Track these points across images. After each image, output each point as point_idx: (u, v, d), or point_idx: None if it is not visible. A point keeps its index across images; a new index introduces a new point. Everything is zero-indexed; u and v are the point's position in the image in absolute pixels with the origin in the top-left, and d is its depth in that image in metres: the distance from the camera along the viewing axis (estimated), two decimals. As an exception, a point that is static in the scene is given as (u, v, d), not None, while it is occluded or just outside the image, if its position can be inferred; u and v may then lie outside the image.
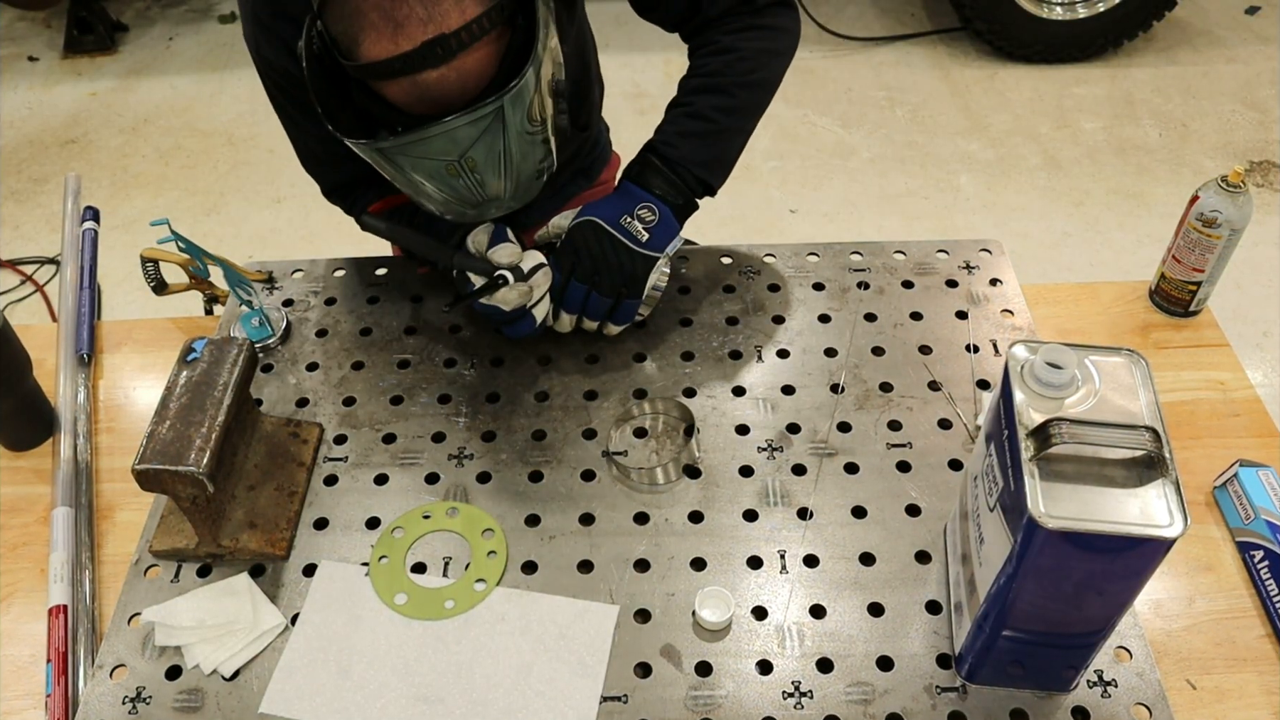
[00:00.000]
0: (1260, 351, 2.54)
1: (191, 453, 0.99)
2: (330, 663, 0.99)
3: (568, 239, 1.21)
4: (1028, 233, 2.92)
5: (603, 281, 1.20)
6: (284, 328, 1.33)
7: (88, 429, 1.26)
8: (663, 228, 1.21)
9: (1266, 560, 1.05)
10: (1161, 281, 1.36)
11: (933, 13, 3.87)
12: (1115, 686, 0.95)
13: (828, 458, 1.15)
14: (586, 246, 1.20)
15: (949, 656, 0.98)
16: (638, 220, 1.21)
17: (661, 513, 1.10)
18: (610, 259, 1.19)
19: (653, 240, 1.21)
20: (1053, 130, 3.30)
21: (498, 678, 0.97)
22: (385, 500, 1.13)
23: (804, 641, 0.99)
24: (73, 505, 1.16)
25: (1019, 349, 0.88)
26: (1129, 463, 0.79)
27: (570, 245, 1.21)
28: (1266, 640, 1.02)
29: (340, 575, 1.06)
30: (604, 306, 1.21)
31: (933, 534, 1.08)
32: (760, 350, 1.28)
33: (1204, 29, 3.71)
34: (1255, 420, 1.23)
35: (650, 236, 1.20)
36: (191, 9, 4.16)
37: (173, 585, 1.06)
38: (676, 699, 0.96)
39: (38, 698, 1.02)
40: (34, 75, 3.83)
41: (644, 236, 1.20)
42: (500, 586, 1.05)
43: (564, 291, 1.21)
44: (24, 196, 3.26)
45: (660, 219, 1.21)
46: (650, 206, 1.22)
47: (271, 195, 3.20)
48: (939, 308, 1.32)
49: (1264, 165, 3.12)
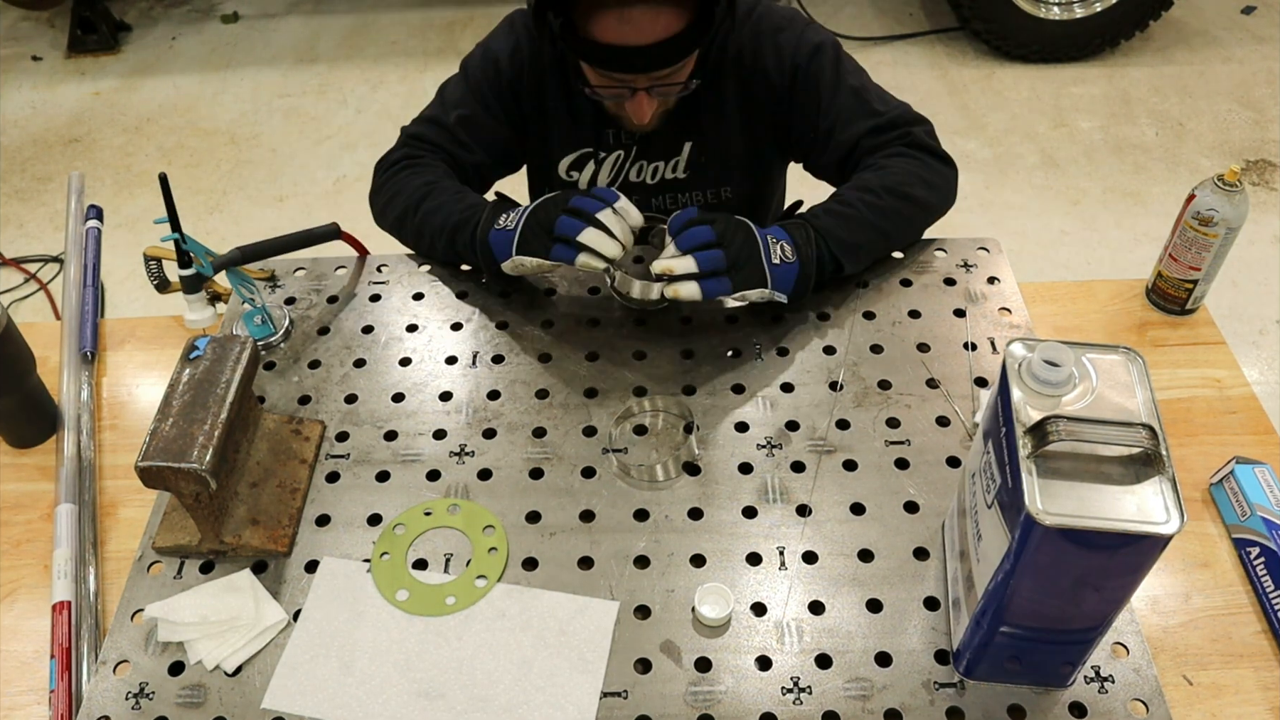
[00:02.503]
0: (1256, 349, 2.54)
1: (194, 450, 0.99)
2: (332, 659, 1.00)
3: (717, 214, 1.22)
4: (1025, 231, 2.93)
5: (734, 245, 1.19)
6: (286, 326, 1.33)
7: (91, 426, 1.27)
8: (789, 272, 1.22)
9: (1263, 557, 1.05)
10: (1158, 280, 1.37)
11: (930, 12, 3.88)
12: (1112, 682, 0.96)
13: (826, 455, 1.16)
14: (730, 222, 1.20)
15: (947, 652, 0.99)
16: (779, 248, 1.22)
17: (661, 509, 1.11)
18: (749, 242, 1.20)
19: (780, 269, 1.21)
20: (1050, 129, 3.31)
21: (498, 673, 0.98)
22: (387, 497, 1.14)
23: (803, 637, 1.00)
24: (76, 502, 1.16)
25: (1016, 347, 0.88)
26: (1126, 460, 0.80)
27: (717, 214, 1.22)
28: (1262, 636, 1.02)
29: (342, 571, 1.07)
30: (715, 263, 1.18)
31: (931, 531, 1.08)
32: (760, 348, 1.28)
33: (1200, 29, 3.72)
34: (1251, 418, 1.23)
35: (780, 265, 1.21)
36: (194, 9, 4.17)
37: (176, 581, 1.07)
38: (676, 694, 0.96)
39: (41, 693, 1.02)
40: (38, 75, 3.84)
41: (776, 260, 1.21)
42: (501, 583, 1.05)
43: (688, 226, 1.20)
44: (28, 195, 3.26)
45: (793, 265, 1.23)
46: (791, 250, 1.23)
47: (274, 194, 3.21)
48: (937, 306, 1.33)
49: (1260, 164, 3.13)
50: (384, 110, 3.55)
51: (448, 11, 4.07)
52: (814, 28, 1.44)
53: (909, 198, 1.32)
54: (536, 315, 1.34)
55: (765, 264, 1.20)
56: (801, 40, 1.40)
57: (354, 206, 3.12)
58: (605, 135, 1.48)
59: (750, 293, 1.20)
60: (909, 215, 1.34)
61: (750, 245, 1.20)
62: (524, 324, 1.33)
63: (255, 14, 4.13)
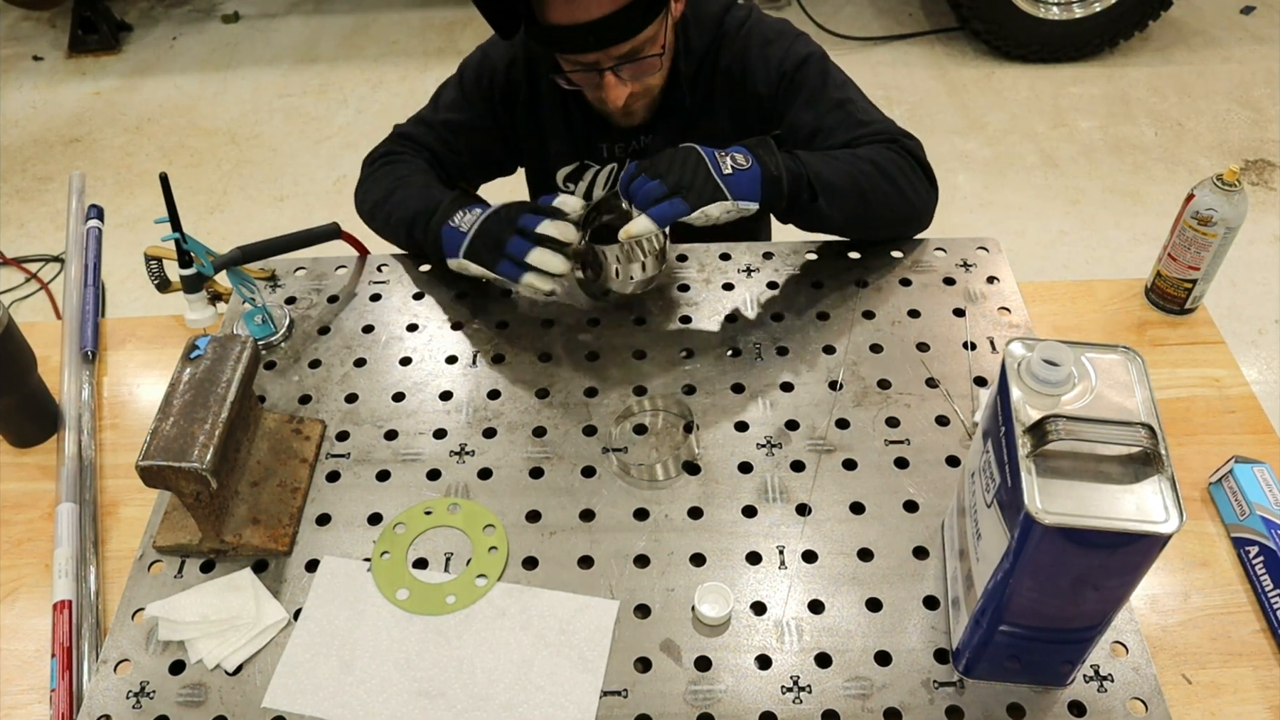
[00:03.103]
0: (1255, 349, 2.54)
1: (195, 449, 0.99)
2: (332, 658, 1.00)
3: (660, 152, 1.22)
4: (1024, 231, 2.93)
5: (670, 174, 1.18)
6: (287, 325, 1.33)
7: (92, 425, 1.27)
8: (748, 177, 1.20)
9: (1261, 556, 1.06)
10: (1157, 279, 1.37)
11: (930, 12, 3.88)
12: (1111, 681, 0.96)
13: (826, 454, 1.16)
14: (673, 153, 1.20)
15: (946, 651, 0.99)
16: (730, 159, 1.20)
17: (661, 509, 1.11)
18: (688, 165, 1.18)
19: (734, 178, 1.19)
20: (1049, 129, 3.31)
21: (498, 672, 0.98)
22: (387, 496, 1.14)
23: (802, 636, 1.00)
24: (77, 501, 1.17)
25: (1016, 346, 0.88)
26: (1125, 459, 0.80)
27: (659, 153, 1.21)
28: (1261, 635, 1.03)
29: (342, 571, 1.07)
30: (654, 194, 1.17)
31: (930, 530, 1.08)
32: (759, 347, 1.28)
33: (1199, 29, 3.72)
34: (1250, 417, 1.24)
35: (733, 174, 1.19)
36: (195, 9, 4.17)
37: (176, 581, 1.07)
38: (676, 693, 0.97)
39: (42, 692, 1.03)
40: (38, 74, 3.84)
41: (728, 170, 1.19)
42: (501, 582, 1.05)
43: (632, 180, 1.20)
44: (29, 195, 3.26)
45: (750, 170, 1.20)
46: (746, 156, 1.21)
47: (274, 194, 3.21)
48: (936, 305, 1.33)
49: (1259, 164, 3.13)
50: (384, 110, 3.55)
51: (448, 11, 4.07)
52: (803, 39, 1.44)
53: (890, 178, 1.31)
54: (536, 315, 1.34)
55: (716, 176, 1.18)
56: (789, 52, 1.41)
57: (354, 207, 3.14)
58: (599, 148, 1.51)
59: (711, 208, 1.18)
60: (886, 194, 1.31)
61: (695, 164, 1.19)
62: (524, 324, 1.33)
63: (256, 14, 4.14)
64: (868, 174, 1.30)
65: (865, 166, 1.30)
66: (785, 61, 1.40)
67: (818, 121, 1.39)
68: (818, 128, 1.39)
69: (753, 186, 1.20)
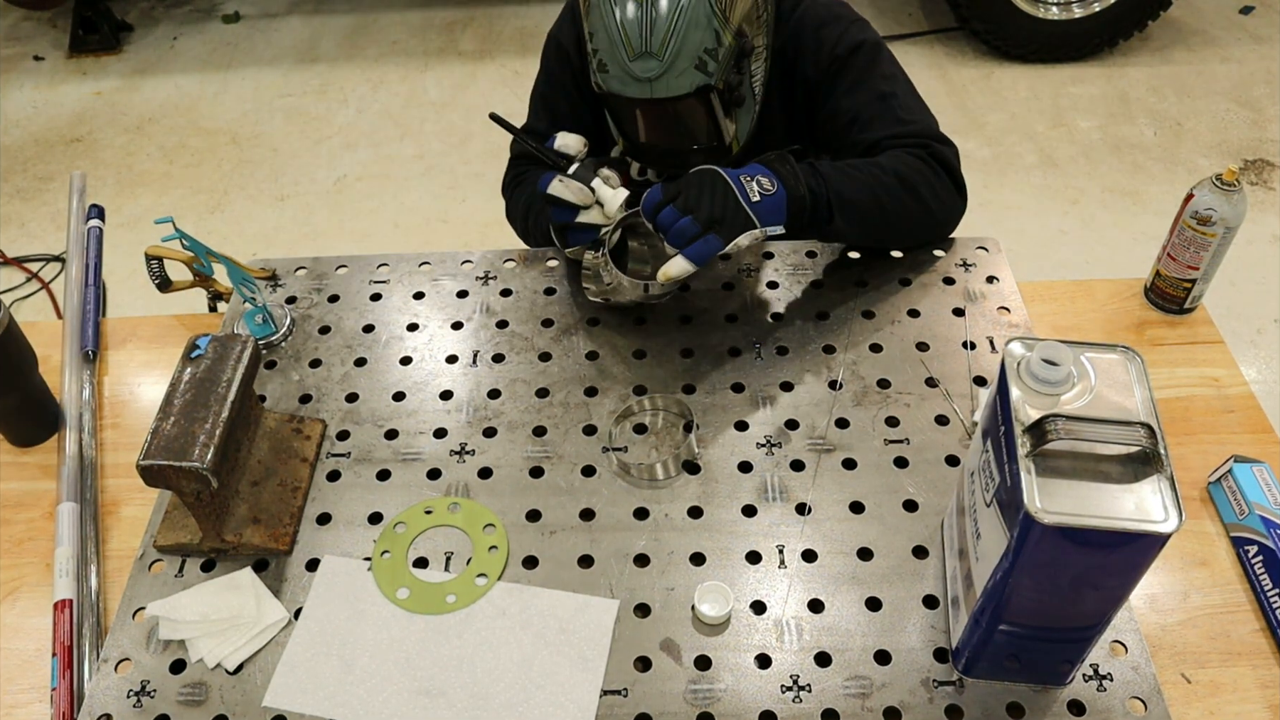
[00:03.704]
0: (1254, 348, 2.54)
1: (195, 448, 0.99)
2: (333, 657, 1.00)
3: (684, 176, 1.22)
4: (1024, 230, 2.93)
5: (700, 208, 1.17)
6: (287, 324, 1.34)
7: (93, 425, 1.27)
8: (774, 202, 1.20)
9: (1261, 555, 1.06)
10: (1157, 279, 1.37)
11: (930, 12, 3.88)
12: (1111, 680, 0.96)
13: (826, 453, 1.16)
14: (699, 181, 1.19)
15: (946, 650, 0.99)
16: (755, 184, 1.20)
17: (661, 508, 1.11)
18: (716, 195, 1.18)
19: (761, 204, 1.19)
20: (1049, 129, 3.31)
21: (499, 671, 0.98)
22: (387, 495, 1.14)
23: (802, 636, 1.00)
24: (78, 500, 1.17)
25: (1015, 346, 0.88)
26: (1124, 459, 0.80)
27: (684, 178, 1.21)
28: (1261, 634, 1.03)
29: (343, 570, 1.07)
30: (690, 233, 1.17)
31: (930, 529, 1.08)
32: (759, 347, 1.29)
33: (1199, 29, 3.72)
34: (1249, 416, 1.24)
35: (760, 200, 1.19)
36: (196, 9, 4.17)
37: (177, 580, 1.07)
38: (676, 692, 0.97)
39: (43, 691, 1.03)
40: (39, 74, 3.84)
41: (755, 197, 1.19)
42: (501, 581, 1.05)
43: (658, 209, 1.20)
44: (30, 195, 3.26)
45: (775, 194, 1.20)
46: (771, 179, 1.21)
47: (275, 193, 3.21)
48: (936, 305, 1.33)
49: (1258, 164, 3.13)
50: (384, 110, 3.55)
51: (448, 11, 4.07)
52: (859, 25, 1.43)
53: (913, 191, 1.31)
54: (536, 315, 1.34)
55: (745, 206, 1.19)
56: (844, 36, 1.39)
57: (355, 205, 3.15)
58: None
59: (742, 239, 1.19)
60: (908, 207, 1.31)
61: (723, 194, 1.18)
62: (524, 323, 1.33)
63: (256, 14, 4.14)
64: (890, 187, 1.29)
65: (888, 179, 1.29)
66: (839, 45, 1.39)
67: (857, 110, 1.38)
68: (856, 116, 1.38)
69: (779, 211, 1.21)
